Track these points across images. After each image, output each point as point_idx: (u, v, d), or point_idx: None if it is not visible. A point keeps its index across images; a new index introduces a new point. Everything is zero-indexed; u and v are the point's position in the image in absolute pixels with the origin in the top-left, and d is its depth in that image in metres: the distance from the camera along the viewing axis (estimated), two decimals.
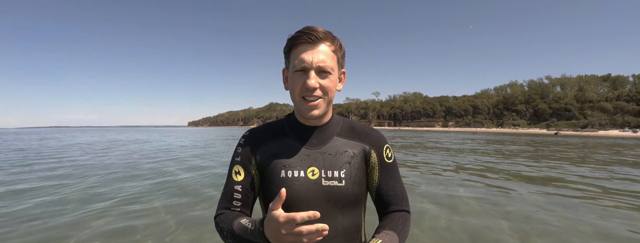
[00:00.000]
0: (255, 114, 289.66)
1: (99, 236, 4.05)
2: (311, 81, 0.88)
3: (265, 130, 1.07)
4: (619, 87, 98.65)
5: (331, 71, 0.91)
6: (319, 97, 0.92)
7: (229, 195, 1.01)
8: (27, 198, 6.01)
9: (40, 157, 13.96)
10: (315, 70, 0.89)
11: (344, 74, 1.03)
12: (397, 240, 0.92)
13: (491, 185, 7.41)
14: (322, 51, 0.90)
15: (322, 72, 0.90)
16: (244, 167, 1.02)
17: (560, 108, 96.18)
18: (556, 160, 12.83)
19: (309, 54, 0.89)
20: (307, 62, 0.89)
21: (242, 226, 0.87)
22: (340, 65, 0.97)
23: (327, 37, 0.91)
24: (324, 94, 0.93)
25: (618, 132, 67.96)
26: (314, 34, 0.89)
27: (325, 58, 0.90)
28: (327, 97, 0.94)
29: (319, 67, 0.89)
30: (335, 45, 0.93)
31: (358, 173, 1.00)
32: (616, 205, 5.68)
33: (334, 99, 1.00)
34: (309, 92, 0.90)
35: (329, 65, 0.90)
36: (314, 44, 0.89)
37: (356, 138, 1.05)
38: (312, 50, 0.89)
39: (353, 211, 0.99)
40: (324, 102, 0.94)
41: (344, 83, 1.04)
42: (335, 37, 0.94)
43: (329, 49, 0.91)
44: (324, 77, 0.91)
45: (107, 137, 39.36)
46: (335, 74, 0.94)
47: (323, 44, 0.90)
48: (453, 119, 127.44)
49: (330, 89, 0.93)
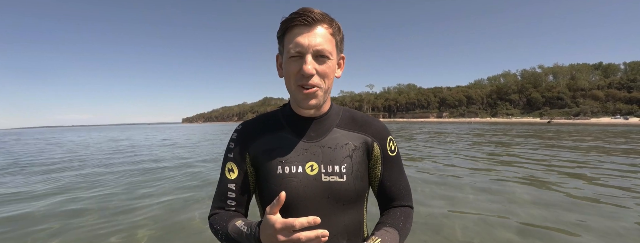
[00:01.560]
0: (250, 109, 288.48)
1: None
2: (308, 66, 0.80)
3: (259, 123, 0.99)
4: (611, 75, 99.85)
5: (329, 55, 0.84)
6: (316, 84, 0.84)
7: (222, 194, 0.96)
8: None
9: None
10: (312, 55, 0.82)
11: (343, 59, 0.95)
12: (397, 238, 0.88)
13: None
14: (319, 34, 0.82)
15: (320, 57, 0.82)
16: (238, 164, 0.96)
17: (553, 97, 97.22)
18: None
19: (305, 37, 0.81)
20: (303, 45, 0.81)
21: (237, 229, 0.83)
22: (339, 50, 0.89)
23: (324, 18, 0.83)
24: (322, 80, 0.85)
25: (610, 119, 68.92)
26: (309, 15, 0.81)
27: (323, 41, 0.82)
28: (326, 84, 0.86)
29: (316, 51, 0.81)
30: (334, 28, 0.85)
31: (360, 167, 0.94)
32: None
33: (332, 88, 0.94)
34: (305, 79, 0.83)
35: (327, 49, 0.82)
36: (310, 26, 0.81)
37: (357, 129, 0.98)
38: (308, 33, 0.81)
39: (354, 207, 0.94)
40: (322, 90, 0.86)
41: (343, 69, 0.96)
42: (333, 19, 0.86)
43: (327, 32, 0.83)
44: (322, 62, 0.83)
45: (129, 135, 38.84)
46: (334, 59, 0.86)
47: (320, 26, 0.82)
48: (447, 110, 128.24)
49: (329, 75, 0.86)
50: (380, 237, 0.84)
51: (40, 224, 4.41)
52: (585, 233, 3.71)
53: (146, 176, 8.26)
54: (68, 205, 5.37)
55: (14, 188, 7.04)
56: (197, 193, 6.09)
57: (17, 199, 5.94)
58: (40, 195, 6.26)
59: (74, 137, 37.23)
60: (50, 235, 3.98)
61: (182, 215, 4.72)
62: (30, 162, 12.19)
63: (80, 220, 4.57)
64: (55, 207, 5.28)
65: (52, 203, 5.60)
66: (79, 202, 5.57)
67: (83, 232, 4.07)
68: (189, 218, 4.52)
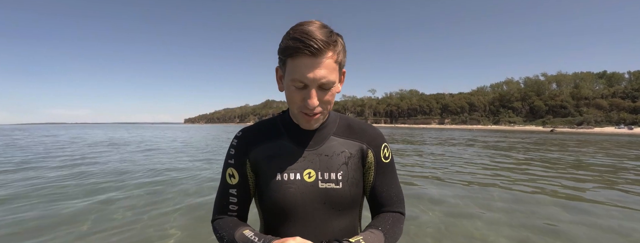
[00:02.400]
0: (252, 111, 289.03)
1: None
2: (313, 100, 0.81)
3: (259, 130, 1.01)
4: (615, 84, 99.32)
5: (332, 85, 0.83)
6: (319, 112, 0.86)
7: (224, 199, 0.99)
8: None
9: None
10: (317, 87, 0.82)
11: (343, 74, 0.93)
12: (382, 239, 0.90)
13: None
14: (325, 65, 0.79)
15: (324, 89, 0.83)
16: (238, 170, 0.98)
17: (556, 105, 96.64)
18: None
19: (310, 69, 0.79)
20: (309, 78, 0.79)
21: (246, 239, 0.85)
22: (341, 69, 0.87)
23: (328, 45, 0.79)
24: (324, 108, 0.87)
25: (613, 128, 68.17)
26: (314, 45, 0.77)
27: (328, 73, 0.80)
28: (327, 109, 0.89)
29: (321, 84, 0.81)
30: (337, 52, 0.82)
31: (355, 174, 0.97)
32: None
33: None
34: (309, 110, 0.84)
35: (331, 81, 0.81)
36: (315, 56, 0.78)
37: (353, 137, 1.01)
38: (312, 65, 0.79)
39: (349, 212, 0.97)
40: (323, 115, 0.90)
41: (343, 83, 0.95)
42: (336, 36, 0.83)
43: (331, 61, 0.80)
44: (326, 92, 0.83)
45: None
46: (337, 82, 0.86)
47: (325, 56, 0.79)
48: (449, 116, 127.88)
49: (331, 102, 0.87)
50: (362, 236, 0.86)
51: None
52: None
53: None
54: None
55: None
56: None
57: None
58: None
59: (121, 135, 35.69)
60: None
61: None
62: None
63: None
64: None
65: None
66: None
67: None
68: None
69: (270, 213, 0.96)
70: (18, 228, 3.92)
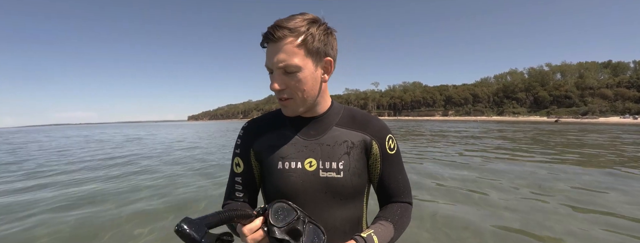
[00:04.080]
0: (255, 107, 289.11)
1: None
2: (273, 84, 0.86)
3: (263, 121, 1.05)
4: (620, 73, 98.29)
5: (296, 69, 0.85)
6: (287, 97, 0.89)
7: (231, 186, 1.04)
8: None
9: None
10: (279, 71, 0.86)
11: (330, 63, 0.93)
12: (392, 231, 0.92)
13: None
14: (284, 49, 0.83)
15: (288, 73, 0.86)
16: (244, 158, 1.02)
17: (561, 95, 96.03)
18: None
19: (270, 54, 0.85)
20: (268, 63, 0.86)
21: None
22: (316, 56, 0.88)
23: (292, 31, 0.83)
24: (295, 92, 0.89)
25: (618, 118, 67.95)
26: (273, 32, 0.83)
27: (287, 57, 0.83)
28: (301, 95, 0.89)
29: (281, 68, 0.85)
30: (303, 37, 0.84)
31: (357, 164, 0.97)
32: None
33: (327, 90, 0.99)
34: (276, 93, 0.89)
35: (292, 64, 0.84)
36: (276, 42, 0.83)
37: (357, 128, 1.01)
38: (273, 50, 0.84)
39: (353, 203, 0.98)
40: (296, 102, 0.91)
41: (332, 71, 0.96)
42: (309, 24, 0.86)
43: (292, 45, 0.83)
44: (291, 77, 0.86)
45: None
46: (308, 70, 0.87)
47: (285, 41, 0.83)
48: (453, 108, 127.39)
49: (300, 88, 0.88)
50: (373, 229, 0.89)
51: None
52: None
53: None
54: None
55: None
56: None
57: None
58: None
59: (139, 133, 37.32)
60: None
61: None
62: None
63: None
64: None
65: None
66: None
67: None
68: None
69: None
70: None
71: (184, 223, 0.61)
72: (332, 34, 0.92)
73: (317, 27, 0.87)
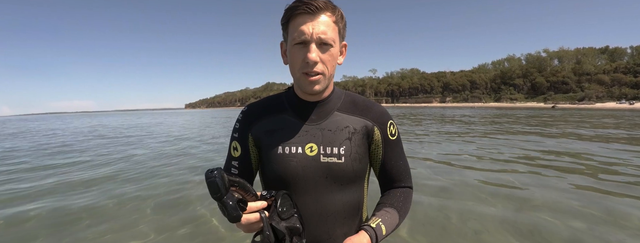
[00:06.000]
0: (252, 94, 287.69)
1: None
2: (312, 54, 0.83)
3: (264, 106, 1.03)
4: (617, 59, 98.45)
5: (333, 43, 0.86)
6: (320, 72, 0.87)
7: (227, 170, 1.03)
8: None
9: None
10: (316, 43, 0.84)
11: (345, 47, 0.97)
12: (397, 218, 0.93)
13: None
14: (323, 22, 0.83)
15: (324, 45, 0.84)
16: (241, 143, 1.01)
17: (558, 81, 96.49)
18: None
19: (309, 25, 0.83)
20: (307, 34, 0.83)
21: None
22: (341, 37, 0.91)
23: (327, 6, 0.84)
24: (326, 67, 0.88)
25: (615, 104, 68.66)
26: (313, 4, 0.82)
27: (327, 29, 0.83)
28: (329, 71, 0.89)
29: (320, 39, 0.83)
30: (337, 16, 0.87)
31: (358, 150, 0.97)
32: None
33: (335, 73, 0.98)
34: (309, 66, 0.85)
35: (330, 37, 0.84)
36: (313, 14, 0.83)
37: (358, 113, 1.00)
38: (312, 21, 0.83)
39: (353, 188, 0.98)
40: (325, 77, 0.89)
41: (345, 56, 0.98)
42: (336, 6, 0.88)
43: (330, 20, 0.85)
44: (325, 49, 0.85)
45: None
46: (337, 47, 0.89)
47: (323, 14, 0.84)
48: (450, 95, 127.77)
49: (332, 63, 0.89)
50: (380, 217, 0.90)
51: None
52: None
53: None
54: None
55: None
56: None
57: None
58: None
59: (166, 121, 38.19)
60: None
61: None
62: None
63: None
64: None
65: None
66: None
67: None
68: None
69: (272, 186, 0.96)
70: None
71: (217, 172, 0.61)
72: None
73: (338, 9, 0.88)
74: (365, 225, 0.87)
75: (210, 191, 0.62)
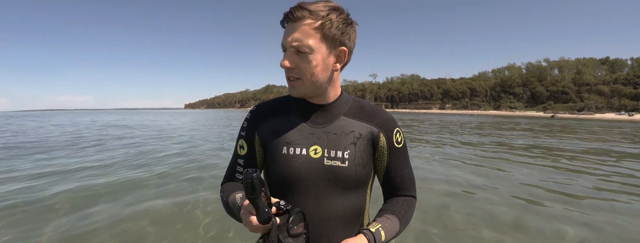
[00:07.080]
0: (252, 96, 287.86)
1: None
2: (284, 61, 0.87)
3: (272, 106, 1.05)
4: (617, 70, 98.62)
5: (308, 51, 0.85)
6: (296, 77, 0.89)
7: (232, 167, 1.06)
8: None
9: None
10: (292, 50, 0.86)
11: (343, 53, 0.93)
12: (397, 225, 0.93)
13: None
14: (301, 30, 0.84)
15: (299, 52, 0.86)
16: (248, 142, 1.03)
17: (558, 91, 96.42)
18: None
19: (287, 33, 0.86)
20: (284, 41, 0.86)
21: (234, 200, 0.90)
22: (331, 43, 0.88)
23: (311, 13, 0.84)
24: (302, 74, 0.89)
25: (614, 115, 68.50)
26: (294, 12, 0.84)
27: (301, 37, 0.84)
28: (307, 78, 0.89)
29: (293, 47, 0.85)
30: (321, 22, 0.85)
31: (363, 155, 0.96)
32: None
33: (338, 79, 0.99)
34: (286, 72, 0.90)
35: (305, 44, 0.84)
36: (294, 22, 0.85)
37: (365, 119, 1.00)
38: (290, 29, 0.85)
39: (355, 193, 0.97)
40: (304, 84, 0.90)
41: (345, 62, 0.95)
42: (330, 11, 0.86)
43: (309, 27, 0.84)
44: (302, 57, 0.86)
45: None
46: (320, 54, 0.87)
47: (303, 22, 0.84)
48: (450, 101, 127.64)
49: (309, 70, 0.88)
50: (380, 223, 0.90)
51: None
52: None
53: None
54: None
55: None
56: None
57: None
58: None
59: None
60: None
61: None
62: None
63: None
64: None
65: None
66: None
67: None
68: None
69: (275, 187, 0.97)
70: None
71: (256, 174, 0.64)
72: (352, 26, 0.92)
73: (337, 15, 0.87)
74: (364, 229, 0.87)
75: (246, 191, 0.65)
